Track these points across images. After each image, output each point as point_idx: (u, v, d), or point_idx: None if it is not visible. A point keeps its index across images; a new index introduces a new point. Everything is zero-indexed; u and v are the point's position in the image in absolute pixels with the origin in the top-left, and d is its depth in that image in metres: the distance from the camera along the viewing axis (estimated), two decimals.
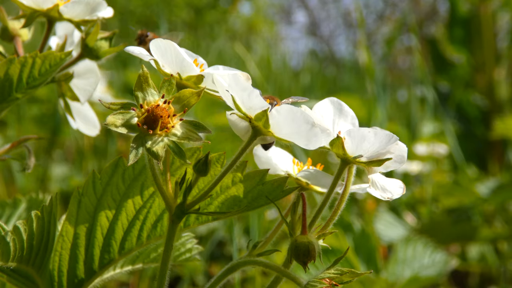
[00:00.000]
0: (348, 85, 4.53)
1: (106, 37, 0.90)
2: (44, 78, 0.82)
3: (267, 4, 11.20)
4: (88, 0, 0.87)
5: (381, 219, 2.13)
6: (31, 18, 0.88)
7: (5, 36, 0.93)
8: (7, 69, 0.82)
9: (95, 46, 0.89)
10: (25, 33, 0.94)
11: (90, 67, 0.95)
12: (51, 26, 0.90)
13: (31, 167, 0.90)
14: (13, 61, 0.81)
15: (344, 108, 0.77)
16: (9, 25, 0.93)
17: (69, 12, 0.88)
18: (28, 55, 0.81)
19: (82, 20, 0.89)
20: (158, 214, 0.78)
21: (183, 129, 0.67)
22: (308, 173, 0.78)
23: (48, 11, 0.88)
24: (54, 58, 0.81)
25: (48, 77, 0.83)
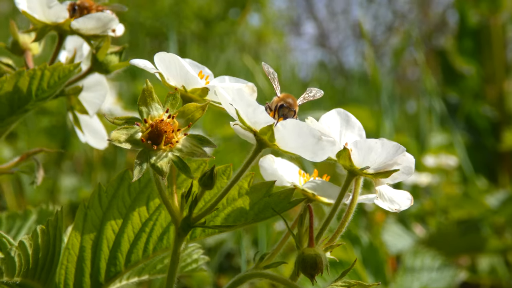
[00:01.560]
0: (357, 96, 4.52)
1: (116, 51, 0.91)
2: (53, 90, 0.83)
3: (276, 15, 11.23)
4: (99, 15, 0.87)
5: (389, 230, 2.12)
6: (42, 32, 0.89)
7: (16, 50, 0.94)
8: (16, 82, 0.82)
9: (105, 60, 0.90)
10: (36, 47, 0.95)
11: (99, 80, 0.95)
12: (62, 40, 0.91)
13: (39, 180, 0.90)
14: (22, 74, 0.82)
15: (351, 119, 0.76)
16: (20, 39, 0.94)
17: (80, 27, 0.88)
18: (37, 67, 0.81)
19: (93, 34, 0.89)
20: (164, 227, 0.78)
21: (188, 143, 0.67)
22: (314, 184, 0.77)
23: (60, 26, 0.88)
24: (63, 70, 0.82)
25: (57, 89, 0.83)
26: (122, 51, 0.92)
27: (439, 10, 11.53)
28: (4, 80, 0.82)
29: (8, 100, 0.83)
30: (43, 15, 0.87)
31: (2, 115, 0.84)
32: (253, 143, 0.71)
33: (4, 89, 0.82)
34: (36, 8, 0.87)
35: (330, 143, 0.66)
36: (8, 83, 0.82)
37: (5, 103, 0.83)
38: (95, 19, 0.88)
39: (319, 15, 12.60)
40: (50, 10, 0.86)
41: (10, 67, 0.92)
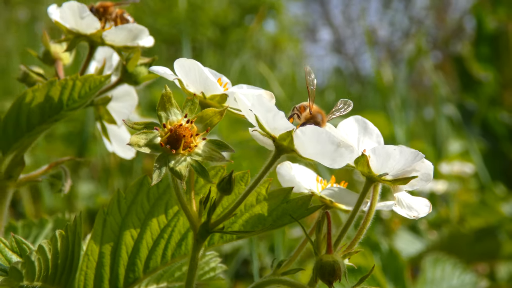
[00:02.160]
0: (373, 102, 4.51)
1: (145, 63, 0.91)
2: (84, 101, 0.83)
3: (292, 22, 11.24)
4: (131, 27, 0.88)
5: (402, 237, 2.12)
6: (73, 42, 0.90)
7: (47, 60, 0.95)
8: (48, 91, 0.83)
9: (135, 71, 0.90)
10: (66, 57, 0.96)
11: (127, 90, 0.96)
12: (92, 51, 0.91)
13: (67, 189, 0.91)
14: (54, 83, 0.82)
15: (369, 126, 0.76)
16: (51, 49, 0.95)
17: (111, 38, 0.89)
18: (68, 77, 0.82)
19: (124, 46, 0.90)
20: (183, 233, 0.78)
21: (206, 148, 0.67)
22: (332, 191, 0.77)
23: (91, 36, 0.89)
24: (94, 81, 0.82)
25: (87, 99, 0.84)
26: (152, 63, 0.92)
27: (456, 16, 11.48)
28: (36, 89, 0.83)
29: (40, 109, 0.84)
30: (75, 25, 0.88)
31: (33, 123, 0.85)
32: (271, 149, 0.71)
33: (36, 98, 0.83)
34: (69, 18, 0.88)
35: (349, 150, 0.65)
36: (40, 92, 0.83)
37: (36, 112, 0.84)
38: (126, 30, 0.88)
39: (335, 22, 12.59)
40: (82, 21, 0.87)
41: (41, 76, 0.93)
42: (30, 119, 0.85)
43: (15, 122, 0.85)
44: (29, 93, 0.84)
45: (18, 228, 1.01)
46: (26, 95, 0.84)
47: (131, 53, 0.91)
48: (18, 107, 0.85)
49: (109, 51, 0.95)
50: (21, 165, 0.90)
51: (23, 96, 0.84)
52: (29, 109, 0.84)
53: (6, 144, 0.87)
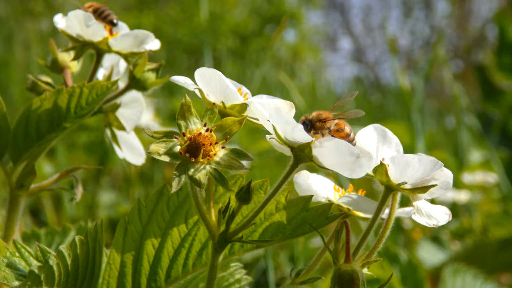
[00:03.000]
0: (394, 111, 4.49)
1: (153, 68, 0.92)
2: (91, 108, 0.84)
3: (312, 31, 11.24)
4: (136, 33, 0.89)
5: (424, 247, 2.10)
6: (80, 50, 0.91)
7: (55, 68, 0.96)
8: (55, 99, 0.84)
9: (142, 77, 0.91)
10: (74, 65, 0.97)
11: (135, 96, 0.97)
12: (99, 58, 0.92)
13: (79, 197, 0.92)
14: (61, 92, 0.83)
15: (388, 134, 0.76)
16: (59, 57, 0.96)
17: (118, 45, 0.90)
18: (75, 85, 0.83)
19: (130, 52, 0.91)
20: (203, 242, 0.78)
21: (226, 157, 0.68)
22: (349, 198, 0.77)
23: (98, 44, 0.90)
24: (101, 87, 0.83)
25: (95, 106, 0.84)
26: (159, 68, 0.93)
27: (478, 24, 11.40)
28: (44, 98, 0.84)
29: (48, 118, 0.85)
30: (81, 33, 0.89)
31: (42, 132, 0.86)
32: (288, 155, 0.71)
33: (44, 107, 0.84)
34: (75, 27, 0.89)
35: (367, 160, 0.66)
36: (47, 101, 0.84)
37: (45, 120, 0.85)
38: (132, 37, 0.89)
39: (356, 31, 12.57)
40: (88, 29, 0.88)
41: (50, 85, 0.94)
42: (39, 128, 0.86)
43: (24, 131, 0.86)
44: (37, 102, 0.85)
45: (41, 236, 1.02)
46: (34, 104, 0.85)
47: (138, 59, 0.91)
48: (27, 116, 0.85)
49: (117, 58, 0.95)
50: (32, 175, 0.90)
51: (31, 105, 0.85)
52: (37, 118, 0.85)
53: (17, 153, 0.88)
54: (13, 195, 0.90)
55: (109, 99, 0.93)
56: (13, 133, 0.86)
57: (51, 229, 1.03)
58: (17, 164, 0.88)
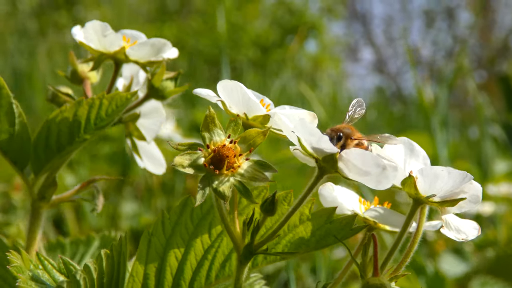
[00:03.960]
0: (416, 122, 4.46)
1: (171, 77, 0.92)
2: (111, 119, 0.84)
3: (333, 42, 11.23)
4: (153, 41, 0.89)
5: (446, 259, 2.08)
6: (99, 61, 0.91)
7: (75, 79, 0.96)
8: (75, 111, 0.84)
9: (161, 86, 0.91)
10: (94, 75, 0.97)
11: (155, 106, 0.97)
12: (118, 68, 0.93)
13: (100, 208, 0.92)
14: (81, 103, 0.84)
15: (416, 147, 0.75)
16: (79, 68, 0.96)
17: (135, 54, 0.90)
18: (95, 96, 0.83)
19: (148, 61, 0.91)
20: (227, 254, 0.78)
21: (250, 168, 0.67)
22: (375, 212, 0.76)
23: (115, 54, 0.90)
24: (120, 98, 0.83)
25: (115, 117, 0.84)
26: (178, 77, 0.93)
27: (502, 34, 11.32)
28: (64, 110, 0.84)
29: (68, 129, 0.85)
30: (99, 44, 0.90)
31: (63, 144, 0.86)
32: (312, 165, 0.71)
33: (64, 118, 0.85)
34: (92, 38, 0.89)
35: (393, 171, 0.65)
36: (68, 112, 0.85)
37: (65, 132, 0.85)
38: (149, 45, 0.89)
39: (377, 41, 12.54)
40: (105, 39, 0.88)
41: (70, 96, 0.94)
42: (60, 139, 0.86)
43: (45, 143, 0.87)
44: (57, 114, 0.85)
45: (66, 245, 1.03)
46: (55, 115, 0.85)
47: (156, 68, 0.91)
48: (48, 128, 0.86)
49: (136, 67, 0.95)
50: (54, 186, 0.91)
51: (51, 117, 0.85)
52: (58, 130, 0.86)
53: (38, 165, 0.88)
54: (34, 206, 0.90)
55: (129, 109, 0.93)
56: (34, 144, 0.86)
57: (75, 239, 1.03)
58: (39, 175, 0.89)
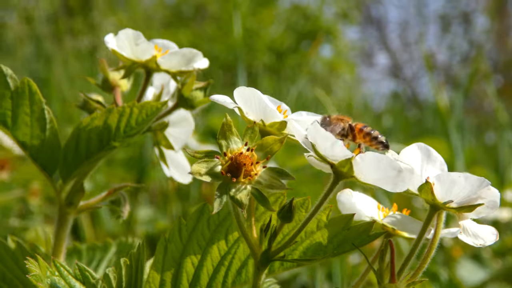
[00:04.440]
0: (432, 127, 4.44)
1: (201, 87, 0.92)
2: (141, 127, 0.85)
3: (348, 46, 11.21)
4: (184, 51, 0.89)
5: (464, 265, 2.07)
6: (130, 69, 0.92)
7: (106, 87, 0.97)
8: (106, 119, 0.85)
9: (191, 96, 0.91)
10: (125, 83, 0.98)
11: (184, 115, 0.97)
12: (149, 77, 0.93)
13: (126, 215, 0.92)
14: (112, 111, 0.84)
15: (433, 153, 0.75)
16: (110, 76, 0.97)
17: (166, 63, 0.90)
18: (126, 105, 0.84)
19: (179, 70, 0.91)
20: (243, 260, 0.78)
21: (267, 176, 0.67)
22: (394, 218, 0.76)
23: (147, 63, 0.91)
24: (151, 107, 0.84)
25: (144, 126, 0.85)
26: (207, 87, 0.93)
27: None
28: (94, 117, 0.85)
29: (98, 136, 0.86)
30: (131, 52, 0.90)
31: (92, 151, 0.87)
32: (328, 172, 0.71)
33: (94, 126, 0.85)
34: (125, 46, 0.90)
35: (409, 174, 0.65)
36: (98, 120, 0.85)
37: (95, 139, 0.86)
38: (180, 55, 0.90)
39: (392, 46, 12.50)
40: (137, 48, 0.89)
41: (100, 103, 0.95)
42: (89, 146, 0.87)
43: (74, 149, 0.87)
44: (88, 121, 0.86)
45: (83, 251, 1.03)
46: (85, 122, 0.86)
47: (187, 78, 0.92)
48: (77, 135, 0.87)
49: (167, 77, 0.96)
50: (81, 192, 0.91)
51: (82, 124, 0.86)
52: (88, 137, 0.86)
53: (66, 171, 0.89)
54: (62, 212, 0.91)
55: (158, 118, 0.93)
56: (63, 151, 0.87)
57: (92, 245, 1.04)
58: (67, 181, 0.89)
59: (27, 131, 0.86)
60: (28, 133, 0.86)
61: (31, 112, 0.86)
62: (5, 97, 0.84)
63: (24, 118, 0.85)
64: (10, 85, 0.84)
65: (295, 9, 9.97)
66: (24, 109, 0.85)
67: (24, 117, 0.85)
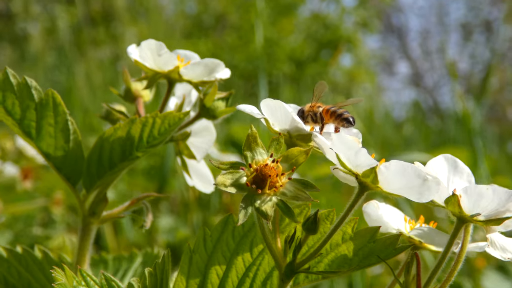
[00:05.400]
0: (454, 137, 4.40)
1: (223, 97, 0.92)
2: (164, 137, 0.85)
3: (369, 55, 11.18)
4: (207, 62, 0.89)
5: (490, 277, 2.04)
6: (153, 79, 0.92)
7: (128, 97, 0.98)
8: (129, 129, 0.85)
9: (213, 106, 0.91)
10: (147, 94, 0.98)
11: (206, 125, 0.97)
12: (171, 87, 0.93)
13: (149, 224, 0.92)
14: (135, 121, 0.85)
15: (459, 165, 0.74)
16: (132, 87, 0.97)
17: (188, 73, 0.91)
18: (149, 115, 0.84)
19: (201, 81, 0.92)
20: (268, 272, 0.77)
21: (292, 187, 0.67)
22: (421, 231, 0.75)
23: (169, 73, 0.91)
24: (173, 117, 0.84)
25: (167, 136, 0.85)
26: (229, 97, 0.93)
27: None
28: (118, 127, 0.86)
29: (121, 147, 0.86)
30: (153, 63, 0.91)
31: (115, 161, 0.87)
32: (354, 185, 0.70)
33: (117, 136, 0.86)
34: (147, 57, 0.90)
35: (436, 183, 0.64)
36: (121, 130, 0.86)
37: (117, 150, 0.86)
38: (203, 65, 0.90)
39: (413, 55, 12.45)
40: (160, 58, 0.89)
41: (123, 114, 0.96)
42: (112, 156, 0.87)
43: (97, 160, 0.88)
44: (111, 131, 0.86)
45: (109, 261, 1.04)
46: (108, 133, 0.86)
47: (209, 88, 0.92)
48: (100, 145, 0.87)
49: (188, 87, 0.96)
50: (104, 202, 0.92)
51: (105, 134, 0.86)
52: (111, 147, 0.87)
53: (90, 181, 0.90)
54: (85, 222, 0.92)
55: (180, 128, 0.94)
56: (87, 161, 0.88)
57: (118, 255, 1.04)
58: (90, 192, 0.90)
59: (51, 142, 0.87)
60: (52, 144, 0.87)
61: (55, 123, 0.86)
62: (29, 108, 0.85)
63: (48, 129, 0.86)
64: (35, 97, 0.85)
65: (315, 18, 9.97)
66: (48, 120, 0.86)
67: (48, 128, 0.86)
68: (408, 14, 14.57)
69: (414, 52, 12.59)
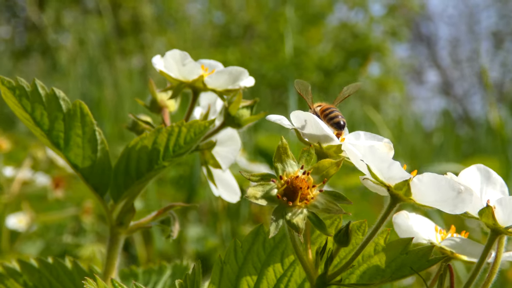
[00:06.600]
0: (485, 146, 4.35)
1: (247, 105, 0.92)
2: (189, 146, 0.85)
3: (397, 64, 11.12)
4: (231, 70, 0.90)
5: None
6: (177, 89, 0.92)
7: (154, 108, 0.98)
8: (155, 139, 0.86)
9: (237, 114, 0.91)
10: (172, 104, 0.99)
11: (231, 134, 0.97)
12: (196, 97, 0.94)
13: (176, 234, 0.93)
14: (161, 131, 0.85)
15: (493, 175, 0.73)
16: (158, 97, 0.98)
17: (213, 82, 0.91)
18: (174, 124, 0.84)
19: (225, 89, 0.92)
20: (299, 283, 0.77)
21: (323, 200, 0.67)
22: (453, 241, 0.74)
23: (194, 82, 0.91)
24: (199, 126, 0.85)
25: (192, 145, 0.86)
26: (254, 105, 0.93)
27: None
28: (144, 137, 0.86)
29: (148, 156, 0.87)
30: (178, 73, 0.91)
31: (142, 170, 0.88)
32: (384, 194, 0.70)
33: (144, 146, 0.86)
34: (172, 67, 0.91)
35: (470, 195, 0.63)
36: (147, 140, 0.86)
37: (144, 159, 0.87)
38: (227, 74, 0.90)
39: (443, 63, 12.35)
40: (184, 68, 0.90)
41: (149, 124, 0.96)
42: (139, 166, 0.88)
43: (124, 170, 0.88)
44: (138, 141, 0.87)
45: (139, 275, 1.04)
46: (135, 143, 0.87)
47: (233, 96, 0.92)
48: (128, 155, 0.88)
49: (213, 96, 0.96)
50: (132, 212, 0.92)
51: (131, 145, 0.87)
52: (138, 157, 0.87)
53: (117, 192, 0.90)
54: (113, 232, 0.92)
55: (205, 137, 0.94)
56: (114, 171, 0.88)
57: (148, 268, 1.05)
58: (118, 202, 0.90)
59: (79, 152, 0.88)
60: (80, 154, 0.88)
61: (83, 133, 0.87)
62: (57, 119, 0.86)
63: (76, 139, 0.87)
64: (63, 108, 0.86)
65: (343, 27, 9.96)
66: (76, 131, 0.87)
67: (76, 139, 0.87)
68: (437, 23, 14.44)
69: (444, 61, 12.49)
